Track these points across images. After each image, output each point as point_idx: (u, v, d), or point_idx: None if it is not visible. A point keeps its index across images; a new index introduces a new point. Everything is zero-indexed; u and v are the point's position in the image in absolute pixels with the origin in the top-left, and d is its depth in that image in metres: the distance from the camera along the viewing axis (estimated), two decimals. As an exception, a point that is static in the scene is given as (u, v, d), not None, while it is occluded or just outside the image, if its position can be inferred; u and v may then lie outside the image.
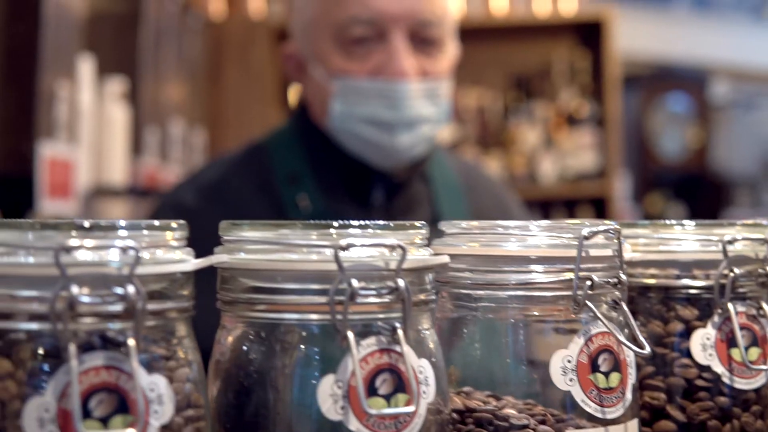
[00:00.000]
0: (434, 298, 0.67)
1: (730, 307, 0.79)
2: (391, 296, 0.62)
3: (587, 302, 0.71)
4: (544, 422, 0.70)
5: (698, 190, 7.77)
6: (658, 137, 7.77)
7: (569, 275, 0.71)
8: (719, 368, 0.80)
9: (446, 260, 0.67)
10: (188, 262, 0.60)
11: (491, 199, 1.84)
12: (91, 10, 2.85)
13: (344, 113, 1.59)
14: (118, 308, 0.55)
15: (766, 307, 0.81)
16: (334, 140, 1.63)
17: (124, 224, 0.58)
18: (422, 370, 0.64)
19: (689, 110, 7.91)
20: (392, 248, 0.62)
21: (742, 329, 0.80)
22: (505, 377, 0.74)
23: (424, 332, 0.66)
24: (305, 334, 0.63)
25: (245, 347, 0.65)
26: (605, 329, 0.72)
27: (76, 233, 0.56)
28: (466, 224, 0.75)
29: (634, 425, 0.74)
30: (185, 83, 3.77)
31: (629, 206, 6.43)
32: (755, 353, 0.81)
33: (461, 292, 0.74)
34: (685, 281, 0.82)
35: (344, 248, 0.60)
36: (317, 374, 0.62)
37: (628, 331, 0.73)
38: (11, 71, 2.41)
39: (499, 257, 0.72)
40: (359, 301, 0.61)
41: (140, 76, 3.17)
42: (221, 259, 0.64)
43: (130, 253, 0.55)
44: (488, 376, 0.75)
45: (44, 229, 0.57)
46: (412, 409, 0.61)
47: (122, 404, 0.55)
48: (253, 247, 0.65)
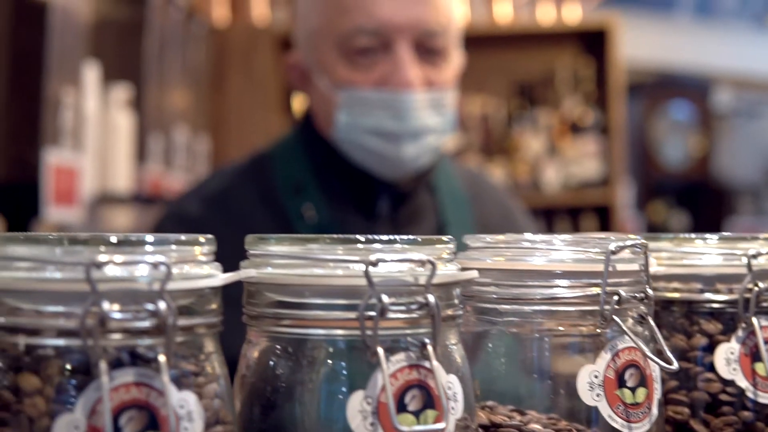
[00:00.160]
0: (461, 312, 0.67)
1: (754, 321, 0.79)
2: (420, 312, 0.61)
3: (614, 317, 0.70)
4: (570, 437, 0.70)
5: (701, 198, 7.76)
6: (660, 145, 7.76)
7: (595, 290, 0.71)
8: (743, 383, 0.80)
9: (475, 275, 0.67)
10: (216, 276, 0.60)
11: (496, 207, 1.83)
12: (96, 17, 2.85)
13: (349, 124, 1.59)
14: (148, 324, 0.55)
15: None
16: (339, 150, 1.63)
17: (152, 239, 0.58)
18: (451, 385, 0.63)
19: (692, 118, 7.91)
20: (422, 263, 0.61)
21: (766, 343, 0.79)
22: (529, 391, 0.73)
23: (451, 347, 0.66)
24: (332, 349, 0.63)
25: (271, 362, 0.65)
26: (632, 344, 0.71)
27: (104, 248, 0.56)
28: (491, 238, 0.74)
29: (659, 440, 0.73)
30: (189, 90, 3.77)
31: (632, 214, 6.42)
32: (779, 368, 0.80)
33: (486, 306, 0.73)
34: (708, 295, 0.81)
35: (374, 264, 0.60)
36: (344, 390, 0.62)
37: (653, 345, 0.73)
38: (17, 78, 2.41)
39: (524, 271, 0.72)
40: (389, 316, 0.60)
41: (145, 82, 3.17)
42: (249, 273, 0.63)
43: (161, 268, 0.55)
44: (512, 390, 0.75)
45: (72, 244, 0.56)
46: (442, 425, 0.60)
47: (152, 421, 0.55)
48: (278, 261, 0.64)
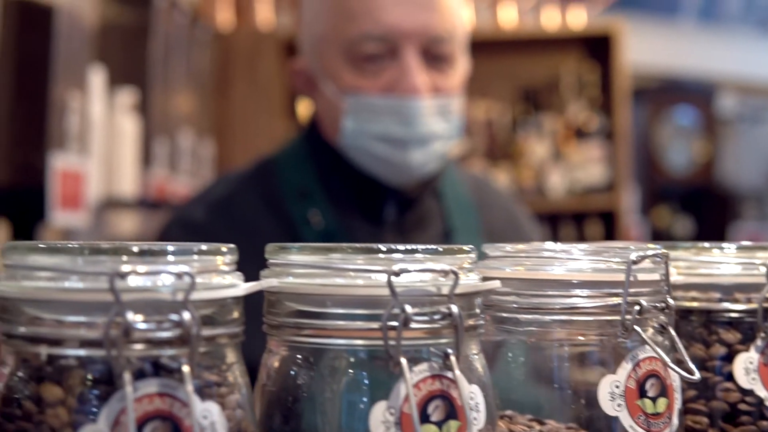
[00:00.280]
0: (482, 322, 0.66)
1: (773, 331, 0.78)
2: (443, 322, 0.61)
3: (635, 327, 0.70)
4: (590, 448, 0.70)
5: (705, 203, 7.75)
6: (665, 150, 7.76)
7: (615, 300, 0.71)
8: (762, 392, 0.79)
9: (497, 285, 0.66)
10: (239, 286, 0.60)
11: (502, 213, 1.83)
12: (101, 21, 2.85)
13: (356, 130, 1.58)
14: (171, 334, 0.55)
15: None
16: (345, 156, 1.62)
17: (174, 249, 0.57)
18: (473, 396, 0.63)
19: (696, 123, 7.90)
20: (444, 273, 0.61)
21: (785, 353, 0.79)
22: (548, 401, 0.73)
23: (473, 357, 0.65)
24: (353, 359, 0.62)
25: (292, 372, 0.64)
26: (652, 354, 0.71)
27: (127, 258, 0.55)
28: (510, 247, 0.74)
29: (679, 450, 0.73)
30: (194, 94, 3.77)
31: (636, 220, 6.42)
32: (799, 378, 0.80)
33: (505, 315, 0.73)
34: (726, 304, 0.81)
35: (397, 274, 0.59)
36: (366, 400, 0.61)
37: (673, 355, 0.73)
38: (23, 82, 2.41)
39: (544, 281, 0.72)
40: (412, 326, 0.60)
41: (150, 87, 3.17)
42: (270, 283, 0.63)
43: (185, 278, 0.55)
44: (531, 400, 0.74)
45: (94, 253, 0.56)
46: (465, 436, 0.60)
47: (176, 432, 0.54)
48: (299, 271, 0.64)
